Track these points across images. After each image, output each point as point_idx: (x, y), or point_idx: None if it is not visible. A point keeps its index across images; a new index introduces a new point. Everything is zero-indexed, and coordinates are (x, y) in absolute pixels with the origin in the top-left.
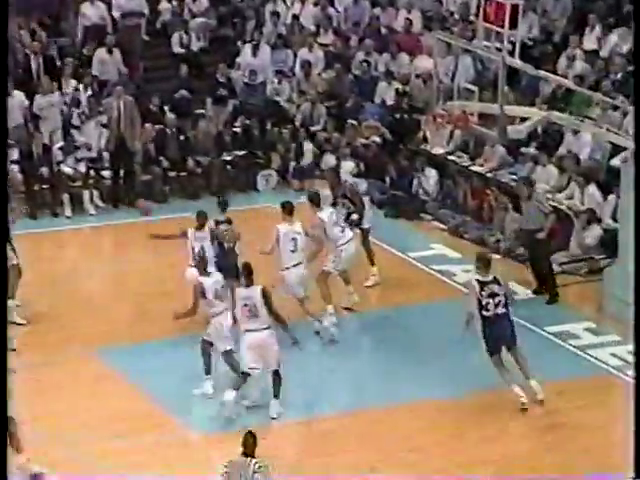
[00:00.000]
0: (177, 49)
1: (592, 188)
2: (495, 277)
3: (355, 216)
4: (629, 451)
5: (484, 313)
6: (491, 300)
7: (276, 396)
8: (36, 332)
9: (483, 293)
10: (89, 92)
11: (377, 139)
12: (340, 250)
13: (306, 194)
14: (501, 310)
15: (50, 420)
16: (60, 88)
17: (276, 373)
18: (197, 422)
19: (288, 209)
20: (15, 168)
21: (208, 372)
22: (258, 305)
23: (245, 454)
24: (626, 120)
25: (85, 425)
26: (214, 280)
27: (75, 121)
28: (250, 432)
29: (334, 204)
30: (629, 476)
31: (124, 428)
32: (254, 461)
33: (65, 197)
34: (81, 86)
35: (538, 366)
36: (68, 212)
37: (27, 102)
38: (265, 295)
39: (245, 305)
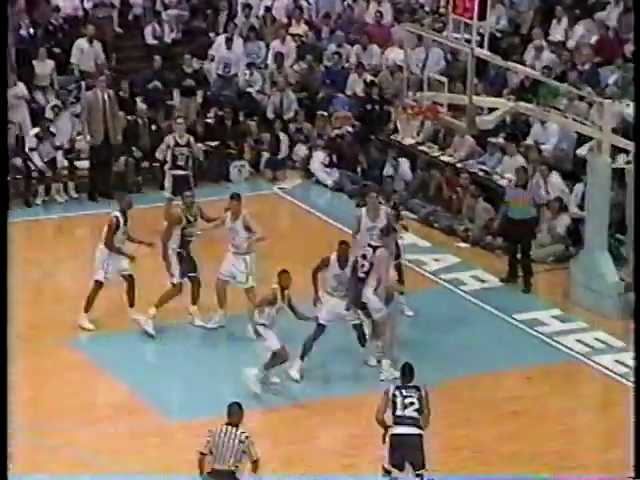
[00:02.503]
0: (150, 40)
1: (555, 177)
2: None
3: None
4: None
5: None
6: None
7: None
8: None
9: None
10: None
11: (349, 129)
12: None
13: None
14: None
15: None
16: (29, 80)
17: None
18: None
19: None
20: None
21: None
22: None
23: (229, 424)
24: (592, 110)
25: (57, 414)
26: None
27: (48, 114)
28: (236, 403)
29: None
30: (629, 476)
31: (98, 416)
32: (239, 431)
33: (40, 188)
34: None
35: (507, 353)
36: (40, 202)
37: None
38: None
39: None
